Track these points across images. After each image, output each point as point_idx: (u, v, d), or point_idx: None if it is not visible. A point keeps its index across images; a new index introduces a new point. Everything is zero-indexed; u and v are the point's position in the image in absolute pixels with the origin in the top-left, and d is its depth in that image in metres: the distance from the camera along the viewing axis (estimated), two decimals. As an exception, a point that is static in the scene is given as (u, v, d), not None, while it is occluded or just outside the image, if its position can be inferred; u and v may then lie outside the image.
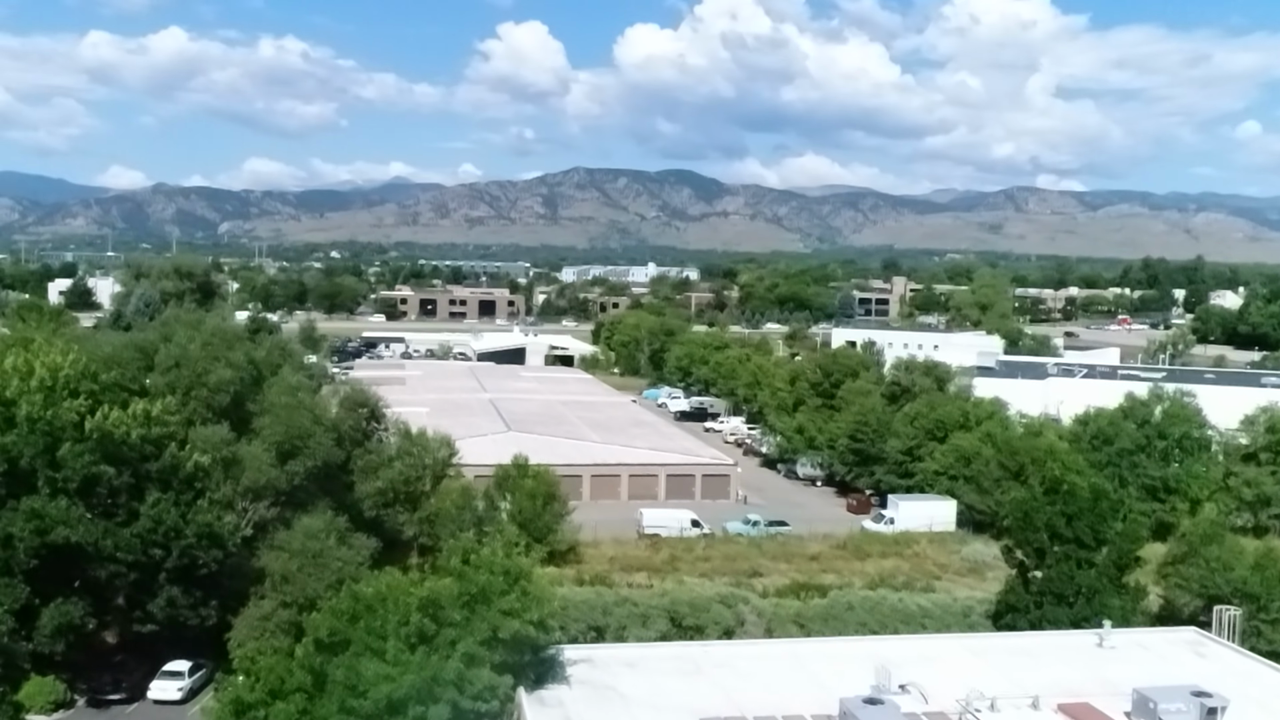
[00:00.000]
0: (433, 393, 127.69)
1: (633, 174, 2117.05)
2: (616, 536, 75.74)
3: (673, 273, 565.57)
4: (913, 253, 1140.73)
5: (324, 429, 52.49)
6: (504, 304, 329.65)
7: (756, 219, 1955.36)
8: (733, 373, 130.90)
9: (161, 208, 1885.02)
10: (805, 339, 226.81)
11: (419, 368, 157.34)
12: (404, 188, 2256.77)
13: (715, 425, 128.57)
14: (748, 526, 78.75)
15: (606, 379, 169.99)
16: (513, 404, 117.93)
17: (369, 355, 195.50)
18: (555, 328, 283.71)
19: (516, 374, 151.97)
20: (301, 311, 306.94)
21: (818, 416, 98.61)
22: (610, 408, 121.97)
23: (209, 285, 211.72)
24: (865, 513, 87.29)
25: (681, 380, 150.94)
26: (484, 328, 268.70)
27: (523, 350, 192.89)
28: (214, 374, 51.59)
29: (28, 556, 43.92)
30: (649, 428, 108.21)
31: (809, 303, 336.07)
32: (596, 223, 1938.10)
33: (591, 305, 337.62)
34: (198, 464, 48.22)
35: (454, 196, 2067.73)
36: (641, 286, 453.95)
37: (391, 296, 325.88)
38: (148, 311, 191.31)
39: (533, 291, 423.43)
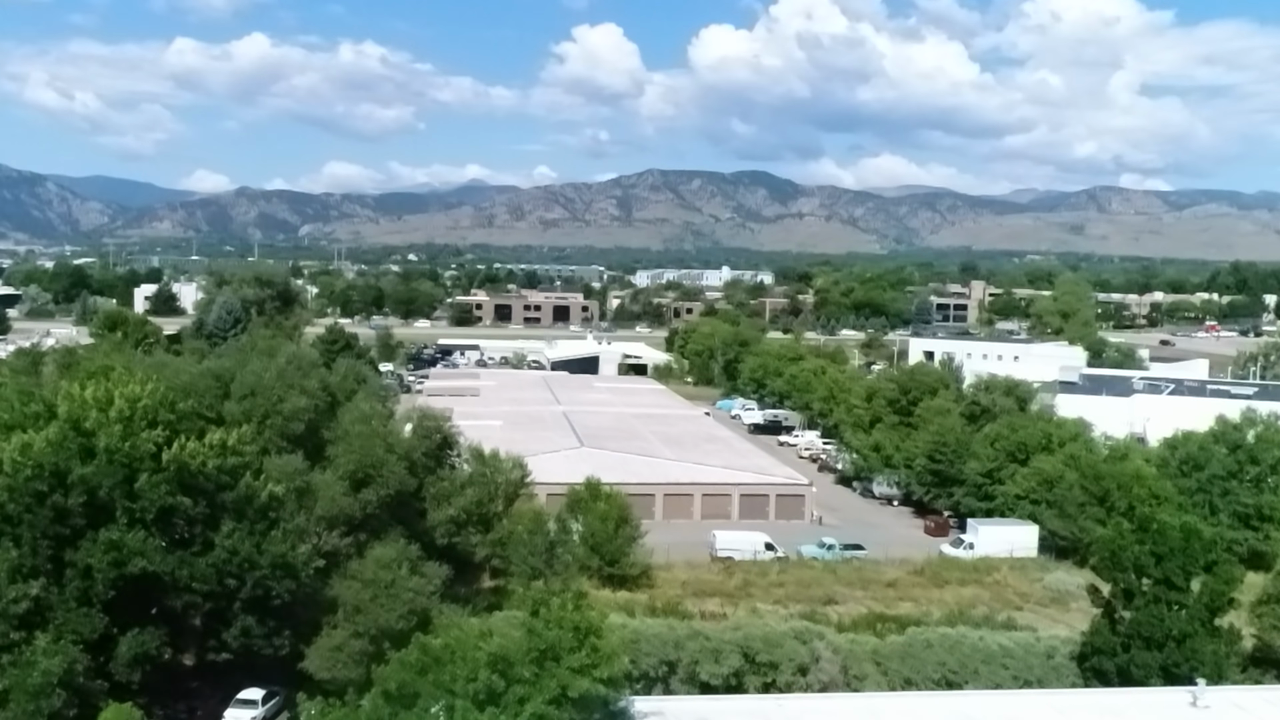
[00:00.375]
0: (506, 404, 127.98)
1: (707, 175, 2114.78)
2: (689, 559, 74.95)
3: (747, 276, 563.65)
4: (991, 254, 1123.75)
5: (397, 457, 52.45)
6: (578, 309, 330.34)
7: (832, 220, 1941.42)
8: (808, 386, 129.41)
9: (244, 211, 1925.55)
10: (881, 347, 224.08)
11: (493, 378, 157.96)
12: (480, 190, 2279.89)
13: (790, 439, 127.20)
14: (823, 550, 77.47)
15: (680, 389, 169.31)
16: (586, 417, 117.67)
17: (444, 363, 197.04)
18: (629, 334, 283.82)
19: (590, 384, 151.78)
20: (379, 316, 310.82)
21: (895, 434, 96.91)
22: (683, 421, 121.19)
23: (288, 293, 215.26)
24: (943, 535, 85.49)
25: (755, 392, 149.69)
26: (558, 334, 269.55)
27: (596, 359, 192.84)
28: (289, 402, 51.81)
29: (106, 587, 44.35)
30: (722, 444, 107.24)
31: (885, 308, 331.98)
32: (670, 224, 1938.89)
33: (665, 310, 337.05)
34: (272, 494, 48.36)
35: (529, 199, 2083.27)
36: (715, 291, 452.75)
37: (467, 302, 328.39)
38: (229, 319, 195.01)
39: (606, 296, 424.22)
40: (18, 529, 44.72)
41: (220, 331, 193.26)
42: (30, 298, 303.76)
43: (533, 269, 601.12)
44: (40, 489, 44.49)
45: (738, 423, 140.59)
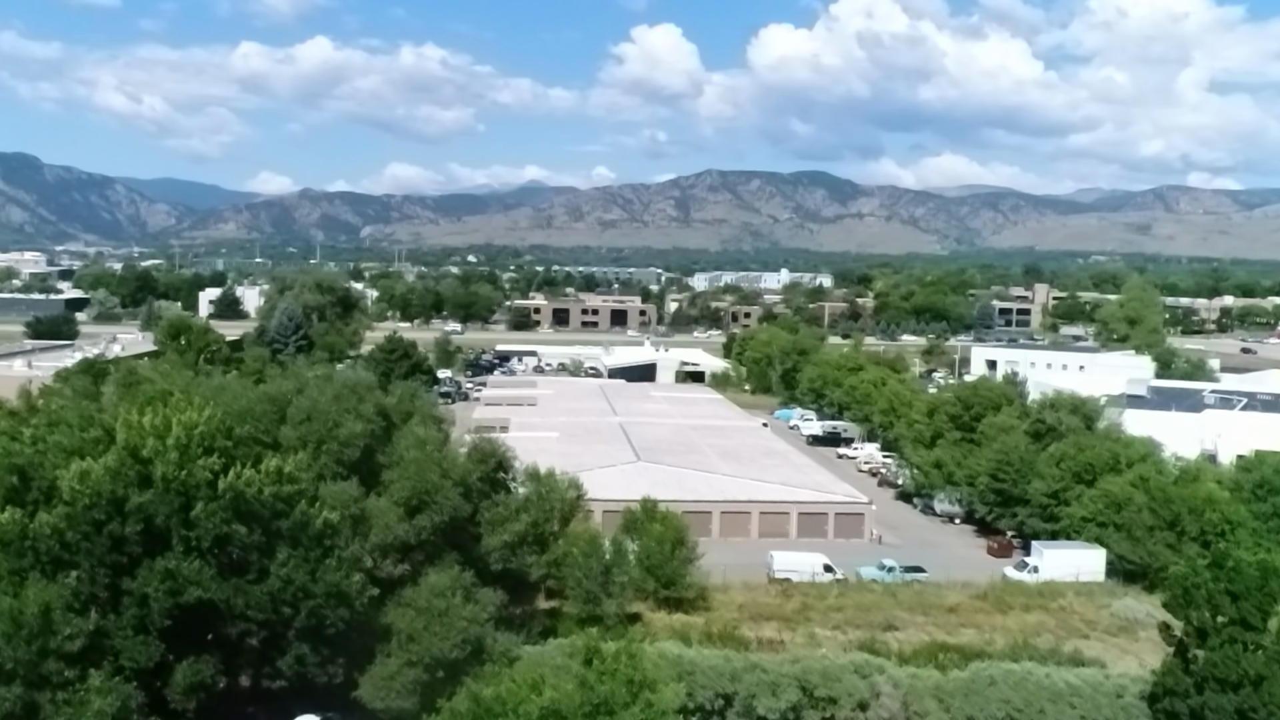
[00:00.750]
0: (563, 415, 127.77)
1: (766, 176, 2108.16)
2: (746, 580, 73.98)
3: (805, 279, 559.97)
4: (1055, 254, 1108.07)
5: (452, 483, 52.07)
6: (635, 313, 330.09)
7: (892, 220, 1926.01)
8: (867, 398, 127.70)
9: (307, 212, 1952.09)
10: (942, 354, 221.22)
11: (550, 386, 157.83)
12: (539, 191, 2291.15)
13: (849, 452, 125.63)
14: (882, 572, 76.11)
15: (737, 397, 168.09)
16: (642, 429, 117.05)
17: (502, 369, 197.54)
18: (686, 339, 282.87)
19: (647, 394, 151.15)
20: (438, 320, 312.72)
21: (957, 451, 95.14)
22: (741, 434, 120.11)
23: (348, 299, 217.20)
24: (1007, 556, 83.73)
25: (814, 402, 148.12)
26: (615, 339, 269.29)
27: (653, 366, 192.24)
28: (345, 427, 51.63)
29: (161, 616, 44.40)
30: (780, 458, 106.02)
31: (946, 313, 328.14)
32: (729, 225, 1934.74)
33: (723, 315, 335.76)
34: (327, 521, 48.15)
35: (587, 199, 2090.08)
36: (774, 294, 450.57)
37: (525, 305, 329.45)
38: (290, 326, 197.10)
39: (664, 299, 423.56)
40: (76, 556, 44.96)
41: (282, 338, 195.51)
42: (98, 302, 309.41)
43: (591, 271, 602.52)
44: (98, 517, 44.67)
45: (796, 434, 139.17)
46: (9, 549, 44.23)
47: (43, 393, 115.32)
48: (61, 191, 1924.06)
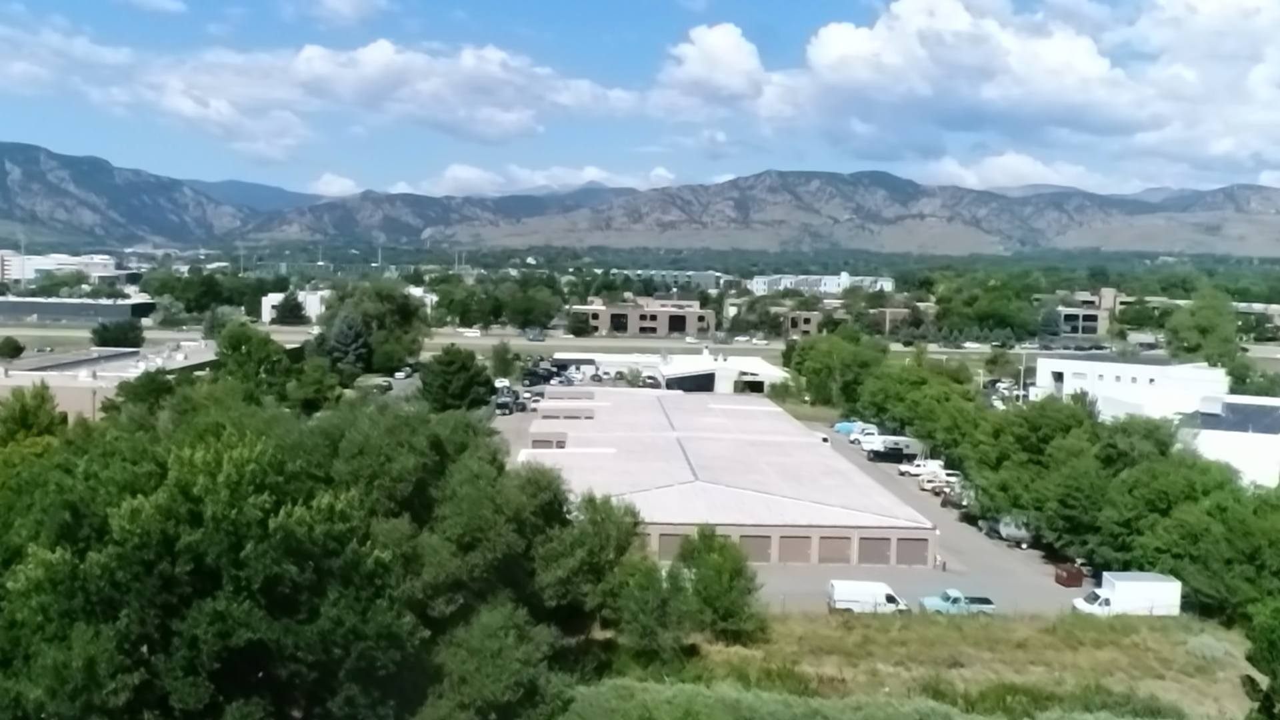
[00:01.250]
0: (620, 429, 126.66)
1: (826, 176, 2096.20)
2: (806, 610, 72.16)
3: (866, 283, 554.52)
4: (1122, 255, 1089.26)
5: (505, 519, 51.04)
6: (694, 319, 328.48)
7: (954, 221, 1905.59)
8: (931, 413, 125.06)
9: (369, 214, 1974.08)
10: (1007, 364, 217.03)
11: (608, 397, 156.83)
12: (598, 192, 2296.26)
13: (911, 469, 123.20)
14: (947, 603, 73.91)
15: (796, 409, 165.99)
16: (700, 445, 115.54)
17: (560, 379, 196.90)
18: (744, 346, 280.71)
19: (705, 406, 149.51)
20: (497, 326, 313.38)
21: (1024, 473, 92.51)
22: (801, 450, 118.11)
23: (407, 307, 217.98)
24: (1076, 585, 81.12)
25: (876, 416, 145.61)
26: (673, 346, 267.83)
27: (712, 376, 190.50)
28: (397, 462, 50.78)
29: (211, 659, 43.77)
30: (841, 478, 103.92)
31: (1010, 319, 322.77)
32: (788, 226, 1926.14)
33: (782, 321, 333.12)
34: (379, 560, 47.26)
35: (646, 201, 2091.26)
36: (834, 299, 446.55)
37: (583, 311, 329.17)
38: (350, 334, 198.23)
39: (723, 304, 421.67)
40: (126, 596, 44.48)
41: (341, 346, 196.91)
42: (164, 307, 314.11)
43: (649, 274, 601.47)
44: (148, 557, 44.17)
45: (856, 448, 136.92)
46: (59, 589, 43.89)
47: (104, 406, 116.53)
48: (131, 194, 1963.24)
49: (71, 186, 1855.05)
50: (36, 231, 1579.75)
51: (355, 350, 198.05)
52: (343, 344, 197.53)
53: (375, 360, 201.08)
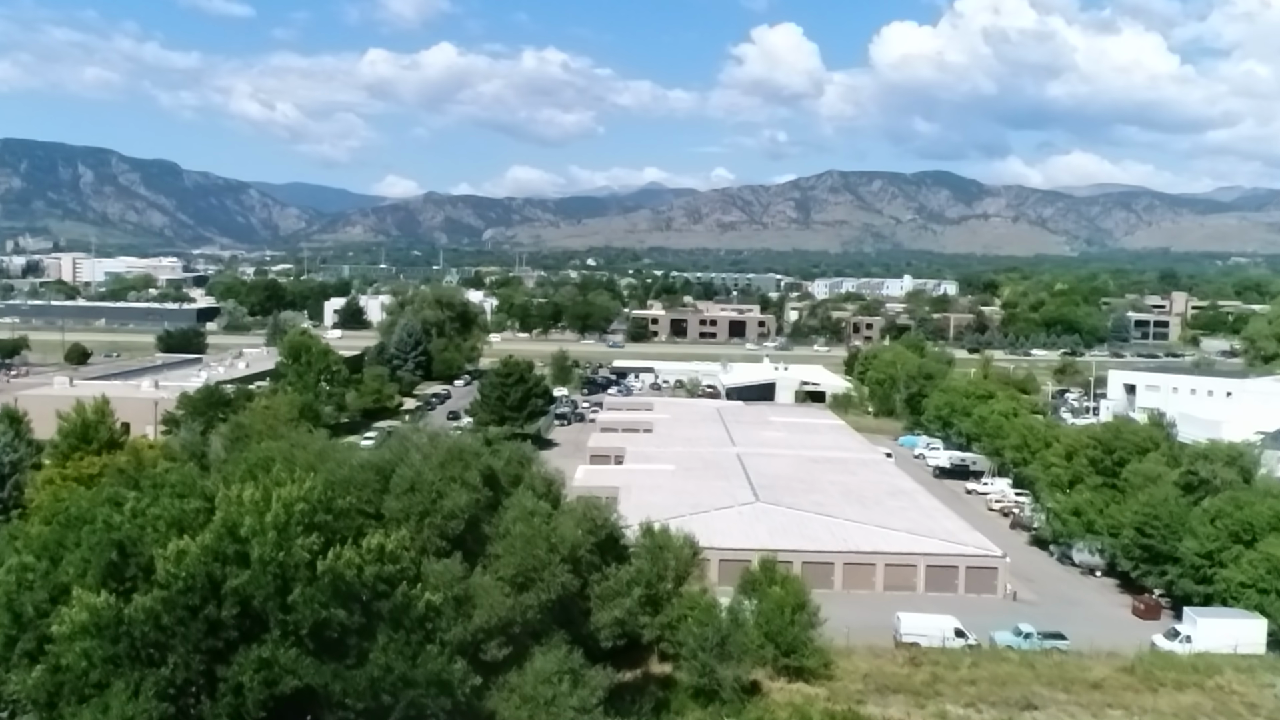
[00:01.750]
0: (679, 444, 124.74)
1: (888, 176, 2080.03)
2: (871, 644, 69.72)
3: (929, 286, 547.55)
4: (1192, 256, 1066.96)
5: (560, 558, 49.35)
6: (754, 325, 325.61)
7: (1019, 221, 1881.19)
8: (999, 430, 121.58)
9: (431, 216, 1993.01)
10: (1076, 373, 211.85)
11: (667, 409, 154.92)
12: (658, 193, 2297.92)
13: (978, 487, 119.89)
14: (1019, 639, 71.04)
15: (859, 421, 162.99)
16: (761, 461, 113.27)
17: (619, 387, 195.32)
18: (806, 353, 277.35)
19: (765, 418, 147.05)
20: (556, 331, 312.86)
21: (1098, 498, 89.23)
22: (864, 468, 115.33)
23: (467, 314, 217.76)
24: (1154, 618, 77.80)
25: (941, 430, 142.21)
26: (733, 353, 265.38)
27: (772, 386, 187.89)
28: (449, 499, 49.26)
29: (257, 706, 42.56)
30: (907, 499, 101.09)
31: (1079, 325, 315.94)
32: (850, 226, 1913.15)
33: (844, 326, 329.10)
34: (429, 604, 45.78)
35: (706, 201, 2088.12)
36: (896, 303, 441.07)
37: (643, 316, 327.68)
38: (410, 341, 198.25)
39: (784, 308, 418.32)
40: (171, 641, 43.42)
41: (401, 354, 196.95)
42: (228, 312, 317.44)
43: (709, 278, 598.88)
44: (193, 602, 43.09)
45: (921, 464, 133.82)
46: (103, 634, 42.90)
47: (164, 420, 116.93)
48: (199, 196, 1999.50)
49: (142, 189, 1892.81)
50: (108, 233, 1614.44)
51: (415, 358, 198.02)
52: (402, 352, 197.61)
53: (434, 368, 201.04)
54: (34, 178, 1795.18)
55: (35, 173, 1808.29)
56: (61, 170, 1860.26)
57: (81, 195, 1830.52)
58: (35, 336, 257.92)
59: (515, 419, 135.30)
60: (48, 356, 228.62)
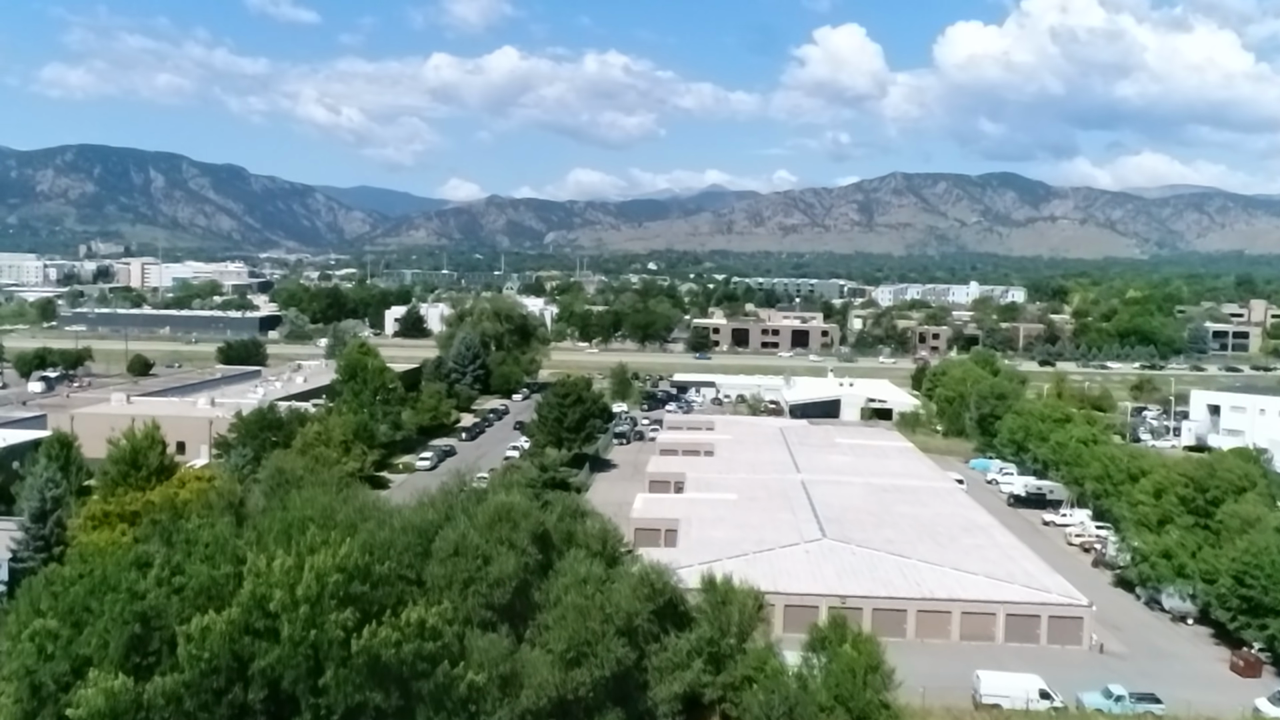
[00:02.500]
0: (742, 468, 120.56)
1: (953, 178, 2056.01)
2: (948, 705, 65.04)
3: (996, 293, 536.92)
4: (1268, 259, 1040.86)
5: (616, 630, 45.59)
6: (817, 334, 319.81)
7: (1087, 223, 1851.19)
8: (1078, 458, 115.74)
9: (494, 219, 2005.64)
10: (1154, 390, 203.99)
11: (729, 428, 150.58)
12: (719, 196, 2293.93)
13: (1056, 518, 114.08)
14: (1110, 701, 65.86)
15: (927, 441, 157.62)
16: (827, 490, 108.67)
17: (679, 404, 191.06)
18: (871, 365, 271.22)
19: (831, 440, 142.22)
20: (616, 341, 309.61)
21: (1190, 539, 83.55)
22: (936, 498, 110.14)
23: (525, 327, 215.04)
24: (1255, 676, 72.17)
25: (1015, 454, 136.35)
26: (796, 365, 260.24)
27: (837, 403, 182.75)
28: (496, 564, 45.74)
29: (286, 799, 39.33)
30: (983, 534, 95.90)
31: (1153, 335, 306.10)
32: (914, 229, 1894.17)
33: (910, 335, 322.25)
34: (473, 684, 42.29)
35: (768, 204, 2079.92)
36: (963, 310, 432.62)
37: (704, 325, 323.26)
38: (468, 355, 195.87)
39: (847, 315, 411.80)
40: (197, 728, 40.25)
41: (460, 368, 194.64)
42: (290, 321, 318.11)
43: (771, 282, 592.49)
44: (218, 685, 39.93)
45: (994, 490, 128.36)
46: None
47: (216, 444, 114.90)
48: (266, 200, 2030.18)
49: (211, 193, 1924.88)
50: (178, 237, 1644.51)
51: (473, 372, 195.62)
52: (460, 365, 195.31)
53: (493, 381, 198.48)
54: (107, 182, 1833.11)
55: (108, 178, 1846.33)
56: (134, 175, 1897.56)
57: (153, 200, 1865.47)
58: (100, 346, 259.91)
59: (573, 440, 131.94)
60: (110, 367, 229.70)
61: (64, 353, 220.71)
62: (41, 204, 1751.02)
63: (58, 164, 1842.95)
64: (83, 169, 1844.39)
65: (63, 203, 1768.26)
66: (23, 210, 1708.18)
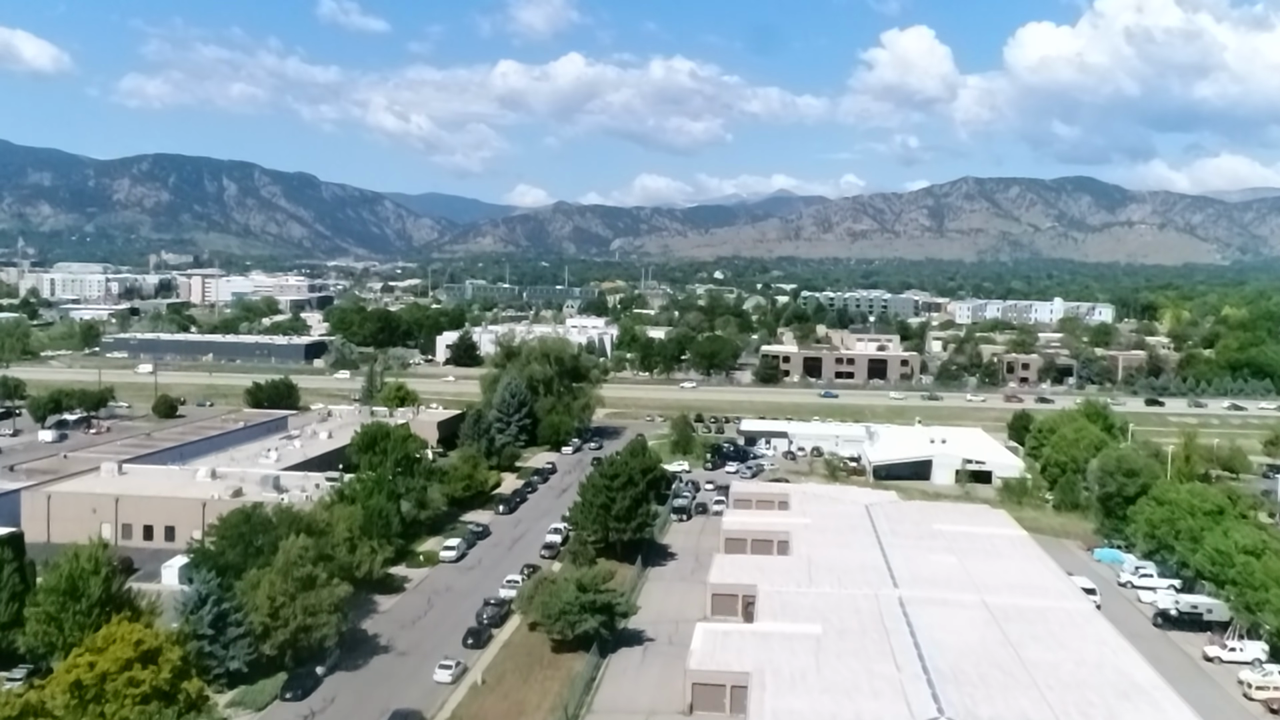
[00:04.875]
0: (825, 576, 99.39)
1: (1026, 182, 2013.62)
2: None
3: (1082, 310, 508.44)
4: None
5: None
6: (895, 364, 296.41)
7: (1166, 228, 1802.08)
8: (1248, 574, 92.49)
9: (560, 226, 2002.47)
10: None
11: (806, 505, 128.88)
12: (787, 201, 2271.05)
13: (1221, 651, 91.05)
14: None
15: (1038, 518, 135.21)
16: (934, 618, 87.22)
17: (747, 465, 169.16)
18: (958, 402, 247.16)
19: (929, 527, 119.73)
20: (679, 370, 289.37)
21: None
22: (1073, 630, 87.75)
23: (578, 369, 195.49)
24: None
25: (1156, 551, 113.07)
26: (875, 402, 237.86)
27: (928, 464, 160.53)
28: None
29: None
30: (1144, 699, 73.77)
31: (1270, 368, 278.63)
32: (986, 235, 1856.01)
33: (996, 365, 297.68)
34: None
35: (837, 210, 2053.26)
36: (1049, 331, 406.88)
37: (773, 354, 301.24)
38: (513, 403, 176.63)
39: (925, 337, 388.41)
40: None
41: (504, 417, 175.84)
42: (335, 349, 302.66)
43: (843, 299, 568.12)
44: None
45: (1132, 599, 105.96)
46: None
47: (189, 552, 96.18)
48: (336, 208, 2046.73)
49: (282, 201, 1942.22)
50: (249, 244, 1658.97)
51: (518, 422, 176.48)
52: (505, 414, 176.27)
53: (540, 431, 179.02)
54: (182, 191, 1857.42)
55: (183, 186, 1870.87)
56: (207, 184, 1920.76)
57: (225, 208, 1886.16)
58: (130, 380, 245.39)
59: (622, 531, 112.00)
60: (135, 407, 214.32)
61: (84, 393, 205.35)
62: (118, 212, 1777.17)
63: (134, 173, 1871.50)
64: (158, 178, 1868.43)
65: (138, 211, 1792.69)
66: (100, 219, 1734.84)
